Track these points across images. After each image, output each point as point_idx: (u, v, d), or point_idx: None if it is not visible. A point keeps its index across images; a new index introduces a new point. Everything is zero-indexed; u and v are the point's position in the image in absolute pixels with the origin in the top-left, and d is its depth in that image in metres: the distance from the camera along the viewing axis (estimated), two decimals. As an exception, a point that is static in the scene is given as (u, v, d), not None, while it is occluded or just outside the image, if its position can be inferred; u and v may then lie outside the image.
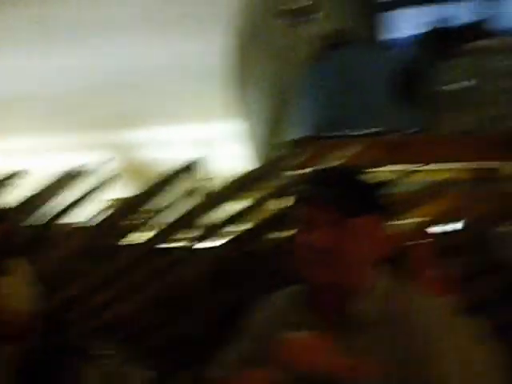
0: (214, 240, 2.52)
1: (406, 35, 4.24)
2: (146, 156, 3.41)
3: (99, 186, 2.67)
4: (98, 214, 2.64)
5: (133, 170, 3.41)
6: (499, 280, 2.27)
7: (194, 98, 3.10)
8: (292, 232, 1.76)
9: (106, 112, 3.23)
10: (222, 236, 2.53)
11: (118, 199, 2.87)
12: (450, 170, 2.73)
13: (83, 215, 2.67)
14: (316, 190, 1.67)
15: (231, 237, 2.52)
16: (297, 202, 1.75)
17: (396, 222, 2.19)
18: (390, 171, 2.41)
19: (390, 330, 1.64)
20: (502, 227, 2.32)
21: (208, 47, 2.96)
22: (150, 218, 2.61)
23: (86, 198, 2.65)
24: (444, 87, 2.76)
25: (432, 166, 2.65)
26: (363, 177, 1.77)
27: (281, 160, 2.60)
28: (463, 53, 2.74)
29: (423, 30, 3.27)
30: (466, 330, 1.66)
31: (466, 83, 2.72)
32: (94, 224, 2.61)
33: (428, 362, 1.58)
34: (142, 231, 2.63)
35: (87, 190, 2.66)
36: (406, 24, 4.53)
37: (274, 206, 2.59)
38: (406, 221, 2.41)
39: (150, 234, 2.62)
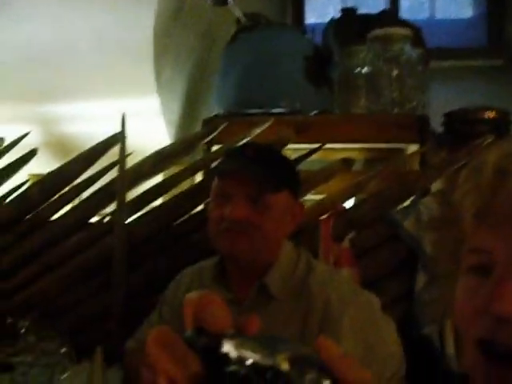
0: (134, 214, 2.46)
1: (318, 21, 4.28)
2: (66, 130, 3.23)
3: (18, 160, 2.57)
4: (16, 189, 2.54)
5: (53, 144, 3.24)
6: (394, 255, 2.32)
7: (113, 73, 2.95)
8: (208, 206, 1.75)
9: (25, 85, 3.06)
10: (141, 210, 2.46)
11: (36, 174, 2.73)
12: (353, 149, 2.77)
13: (0, 191, 2.55)
14: (234, 164, 1.66)
15: (147, 210, 2.46)
16: (214, 176, 1.73)
17: (304, 198, 2.21)
18: (298, 149, 2.42)
19: (298, 302, 1.66)
20: (399, 204, 2.37)
21: (128, 21, 2.85)
22: (70, 193, 2.50)
23: (3, 173, 2.55)
24: (351, 71, 2.78)
25: (336, 145, 2.67)
26: (278, 153, 1.77)
27: (195, 136, 2.56)
28: (369, 39, 2.77)
29: (334, 16, 3.30)
30: (368, 302, 1.69)
31: (370, 68, 2.75)
32: (12, 200, 2.51)
33: (333, 331, 1.60)
34: (63, 206, 2.52)
35: (5, 165, 2.55)
36: (320, 10, 4.57)
37: (189, 180, 2.55)
38: (313, 197, 2.43)
39: (70, 209, 2.54)
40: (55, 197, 2.49)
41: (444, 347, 2.12)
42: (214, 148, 2.63)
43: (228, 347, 0.46)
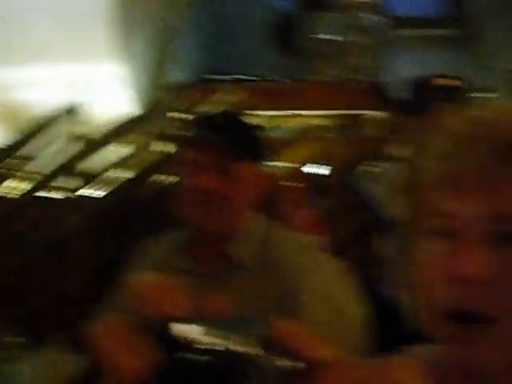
0: (97, 188, 2.34)
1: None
2: (16, 98, 2.89)
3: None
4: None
5: (2, 113, 2.89)
6: (361, 220, 2.30)
7: (72, 36, 2.71)
8: (176, 176, 1.67)
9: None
10: (105, 184, 2.35)
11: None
12: (319, 116, 2.72)
13: None
14: (202, 133, 1.59)
15: (114, 186, 2.35)
16: (182, 145, 1.65)
17: (269, 165, 2.16)
18: (264, 116, 2.36)
19: (266, 271, 1.61)
20: (363, 169, 2.35)
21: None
22: (22, 167, 2.26)
23: None
24: (315, 38, 2.72)
25: (303, 112, 2.63)
26: (245, 122, 1.71)
27: (162, 104, 2.47)
28: (334, 6, 2.71)
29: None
30: (333, 267, 1.65)
31: (334, 35, 2.70)
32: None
33: (292, 299, 1.56)
34: (14, 181, 2.27)
35: None
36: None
37: (157, 150, 2.45)
38: (278, 164, 2.38)
39: (24, 184, 2.30)
40: (6, 170, 2.22)
41: (407, 306, 2.13)
42: (180, 115, 2.54)
43: (190, 332, 0.41)
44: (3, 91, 2.86)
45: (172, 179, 2.16)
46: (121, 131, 2.32)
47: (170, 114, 2.49)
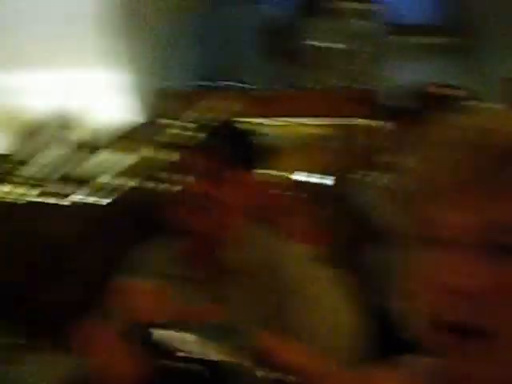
0: (95, 195, 2.33)
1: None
2: (14, 104, 2.89)
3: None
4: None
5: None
6: (357, 230, 2.29)
7: (70, 43, 2.73)
8: (177, 183, 1.68)
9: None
10: (99, 190, 2.35)
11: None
12: (313, 124, 2.72)
13: None
14: (203, 140, 1.60)
15: (117, 195, 2.34)
16: (183, 152, 1.67)
17: (265, 173, 2.16)
18: (259, 124, 2.36)
19: (259, 278, 1.61)
20: (358, 178, 2.34)
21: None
22: (16, 171, 2.29)
23: None
24: (309, 45, 2.72)
25: (298, 121, 2.62)
26: (241, 129, 1.72)
27: (161, 111, 2.45)
28: (330, 13, 2.71)
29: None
30: (326, 278, 1.65)
31: (329, 42, 2.69)
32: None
33: (287, 309, 1.56)
34: (7, 185, 2.30)
35: None
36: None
37: (157, 157, 2.44)
38: (271, 172, 2.38)
39: (20, 189, 2.35)
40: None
41: (400, 316, 2.11)
42: (177, 122, 2.52)
43: (173, 340, 0.41)
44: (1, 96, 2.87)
45: (167, 186, 2.16)
46: (120, 138, 2.32)
47: (167, 121, 2.50)
